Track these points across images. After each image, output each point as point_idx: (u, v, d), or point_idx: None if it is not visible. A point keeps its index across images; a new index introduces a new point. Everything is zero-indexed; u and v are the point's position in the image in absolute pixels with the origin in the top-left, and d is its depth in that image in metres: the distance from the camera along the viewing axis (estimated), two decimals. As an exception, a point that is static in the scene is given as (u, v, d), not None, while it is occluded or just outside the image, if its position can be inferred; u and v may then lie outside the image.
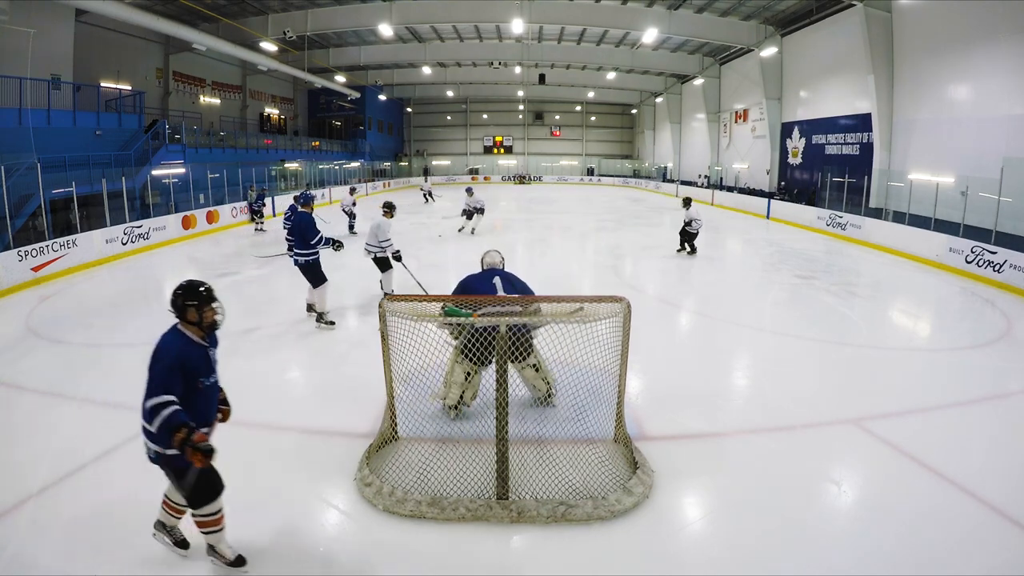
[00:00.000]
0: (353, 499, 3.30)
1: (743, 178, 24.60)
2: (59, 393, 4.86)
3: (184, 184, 15.47)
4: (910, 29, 14.33)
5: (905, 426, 4.28)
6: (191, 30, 16.99)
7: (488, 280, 4.13)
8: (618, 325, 3.43)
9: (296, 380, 5.36)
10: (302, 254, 6.43)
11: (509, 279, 4.19)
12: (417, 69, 28.87)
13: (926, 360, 5.98)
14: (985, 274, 9.50)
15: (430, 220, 17.18)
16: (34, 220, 10.70)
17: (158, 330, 2.82)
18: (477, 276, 4.25)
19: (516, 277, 4.28)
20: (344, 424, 4.19)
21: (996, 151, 11.43)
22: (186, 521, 2.81)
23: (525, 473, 3.38)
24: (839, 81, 17.54)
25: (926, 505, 3.31)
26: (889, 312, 8.20)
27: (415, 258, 10.52)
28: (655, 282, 9.75)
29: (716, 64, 25.84)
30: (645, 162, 38.50)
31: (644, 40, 21.35)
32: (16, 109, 12.32)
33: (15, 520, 3.11)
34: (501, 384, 3.18)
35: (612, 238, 14.36)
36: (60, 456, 3.75)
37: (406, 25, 21.13)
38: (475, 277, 4.23)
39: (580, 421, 3.77)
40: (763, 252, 12.47)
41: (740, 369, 5.71)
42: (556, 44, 25.21)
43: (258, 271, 10.09)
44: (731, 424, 4.30)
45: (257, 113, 28.07)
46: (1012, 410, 4.70)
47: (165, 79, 21.49)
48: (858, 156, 16.80)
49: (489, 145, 42.08)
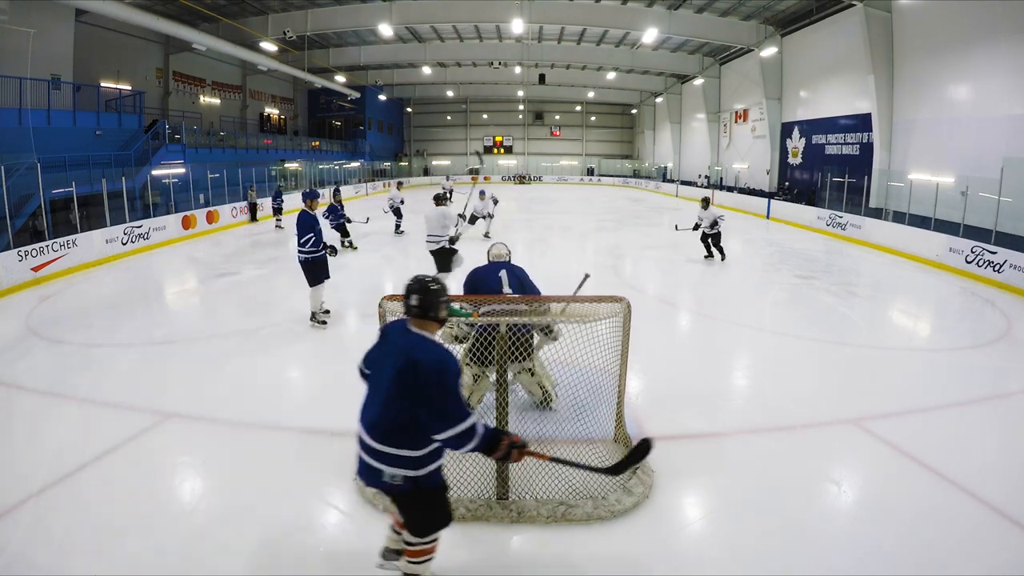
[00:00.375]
0: (353, 499, 3.30)
1: (743, 178, 24.60)
2: (59, 393, 4.85)
3: (184, 184, 15.47)
4: (910, 29, 14.33)
5: (905, 426, 4.28)
6: (191, 30, 16.99)
7: (494, 273, 4.18)
8: (618, 325, 3.43)
9: (296, 380, 5.37)
10: (300, 251, 6.44)
11: (515, 272, 4.24)
12: (417, 69, 28.87)
13: (926, 360, 5.98)
14: (985, 274, 9.50)
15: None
16: (34, 220, 10.70)
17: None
18: (484, 268, 4.29)
19: (522, 271, 4.30)
20: (344, 424, 4.14)
21: (996, 151, 11.43)
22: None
23: (525, 473, 3.38)
24: (839, 81, 17.53)
25: (926, 505, 3.30)
26: (889, 312, 8.20)
27: (415, 258, 10.53)
28: (655, 282, 9.75)
29: (716, 64, 25.84)
30: (645, 162, 38.49)
31: (644, 40, 21.35)
32: (16, 109, 12.32)
33: (15, 520, 3.11)
34: (501, 384, 3.18)
35: (612, 238, 14.36)
36: (60, 456, 3.75)
37: (406, 25, 21.13)
38: (482, 269, 4.28)
39: (580, 421, 3.77)
40: (763, 252, 12.47)
41: (740, 369, 5.71)
42: (556, 44, 25.21)
43: (258, 271, 10.09)
44: (731, 424, 4.30)
45: (257, 113, 28.06)
46: (1012, 410, 4.70)
47: (165, 79, 21.49)
48: (858, 156, 16.80)
49: (489, 145, 42.09)
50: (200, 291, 9.03)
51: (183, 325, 7.04)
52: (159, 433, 4.13)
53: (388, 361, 2.23)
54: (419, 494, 2.25)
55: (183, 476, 3.65)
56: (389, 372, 2.19)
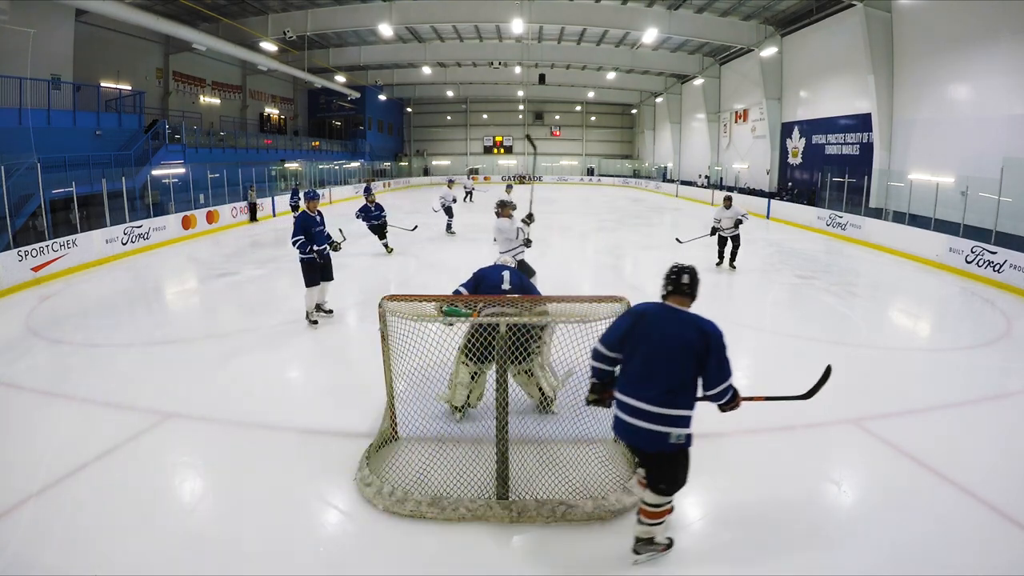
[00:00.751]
0: (353, 499, 3.30)
1: (743, 178, 24.60)
2: (59, 393, 4.86)
3: (184, 184, 15.46)
4: (910, 29, 14.33)
5: (905, 426, 4.28)
6: (191, 30, 17.00)
7: (498, 272, 4.28)
8: (618, 325, 3.43)
9: (296, 380, 5.36)
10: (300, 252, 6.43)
11: (517, 273, 4.33)
12: (417, 69, 28.87)
13: (926, 360, 5.98)
14: (985, 274, 9.50)
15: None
16: (34, 220, 10.70)
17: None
18: (489, 268, 4.40)
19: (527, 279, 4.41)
20: (344, 424, 4.19)
21: (996, 151, 11.42)
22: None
23: (525, 473, 3.39)
24: (839, 81, 17.53)
25: (926, 505, 3.31)
26: (889, 312, 8.20)
27: (415, 257, 10.53)
28: (655, 282, 9.73)
29: (716, 64, 25.84)
30: (645, 162, 38.51)
31: (644, 40, 21.36)
32: (16, 109, 12.34)
33: (15, 520, 3.11)
34: (501, 384, 3.18)
35: (612, 238, 14.35)
36: (60, 456, 3.75)
37: (406, 25, 21.13)
38: (487, 269, 4.39)
39: (580, 421, 3.77)
40: (763, 252, 12.46)
41: (740, 369, 5.69)
42: (556, 44, 25.21)
43: (258, 271, 10.09)
44: (731, 424, 4.28)
45: (257, 113, 28.07)
46: (1012, 410, 4.70)
47: (165, 79, 21.50)
48: (858, 156, 16.80)
49: (489, 145, 42.08)
50: (200, 291, 9.03)
51: (183, 325, 7.04)
52: (159, 433, 4.13)
53: (668, 335, 2.56)
54: (686, 451, 2.58)
55: (183, 476, 3.65)
56: (675, 343, 2.53)
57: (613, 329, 2.71)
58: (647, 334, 2.59)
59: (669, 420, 2.48)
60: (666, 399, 2.48)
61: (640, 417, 2.51)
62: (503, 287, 4.13)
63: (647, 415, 2.49)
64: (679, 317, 2.60)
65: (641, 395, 2.51)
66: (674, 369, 2.51)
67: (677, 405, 2.49)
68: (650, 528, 2.69)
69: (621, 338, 2.64)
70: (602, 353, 2.68)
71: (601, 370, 2.72)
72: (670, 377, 2.50)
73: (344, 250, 7.24)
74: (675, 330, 2.55)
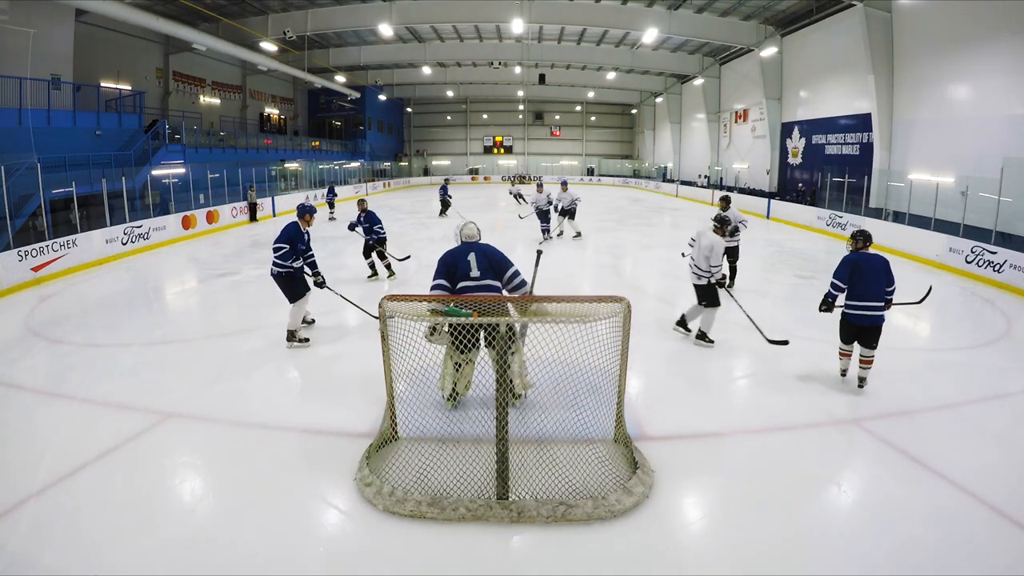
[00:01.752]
0: (353, 499, 3.30)
1: (743, 178, 24.60)
2: (59, 393, 4.86)
3: (184, 184, 15.47)
4: (910, 29, 14.33)
5: (905, 426, 4.28)
6: (191, 30, 17.00)
7: (463, 257, 4.18)
8: (618, 325, 3.43)
9: (296, 380, 5.36)
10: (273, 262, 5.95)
11: (485, 252, 4.22)
12: (417, 69, 28.87)
13: (926, 360, 5.98)
14: (985, 274, 9.50)
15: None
16: (34, 220, 10.71)
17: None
18: (454, 251, 4.27)
19: (493, 249, 4.28)
20: (344, 424, 4.19)
21: (996, 151, 11.43)
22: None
23: (525, 473, 3.38)
24: (839, 81, 17.54)
25: (926, 505, 3.30)
26: (889, 312, 8.17)
27: (416, 257, 10.52)
28: (655, 282, 9.74)
29: (716, 64, 25.84)
30: (645, 162, 38.50)
31: (644, 40, 21.36)
32: (16, 109, 12.34)
33: (15, 520, 3.11)
34: (501, 384, 3.17)
35: (612, 238, 14.35)
36: (60, 456, 3.76)
37: (406, 25, 21.13)
38: (452, 252, 4.26)
39: (580, 421, 3.77)
40: (763, 252, 12.46)
41: (740, 369, 5.71)
42: (556, 44, 25.21)
43: (258, 271, 10.08)
44: (731, 424, 4.30)
45: (257, 113, 28.07)
46: (1012, 410, 4.71)
47: (165, 79, 21.50)
48: (858, 156, 16.81)
49: (489, 145, 42.08)
50: (200, 291, 9.03)
51: (183, 325, 7.04)
52: (159, 433, 4.13)
53: (874, 266, 4.69)
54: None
55: (183, 476, 3.65)
56: (880, 266, 4.69)
57: (840, 274, 4.79)
58: (867, 268, 4.68)
59: (883, 308, 4.69)
60: (882, 296, 4.68)
61: (871, 310, 4.67)
62: (472, 274, 4.10)
63: (874, 308, 4.66)
64: (873, 255, 4.77)
65: (865, 298, 4.66)
66: (882, 281, 4.65)
67: (884, 297, 4.70)
68: (863, 372, 4.88)
69: (853, 272, 4.68)
70: (837, 285, 4.79)
71: (833, 295, 4.86)
72: (881, 284, 4.66)
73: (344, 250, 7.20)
74: (875, 263, 4.69)
